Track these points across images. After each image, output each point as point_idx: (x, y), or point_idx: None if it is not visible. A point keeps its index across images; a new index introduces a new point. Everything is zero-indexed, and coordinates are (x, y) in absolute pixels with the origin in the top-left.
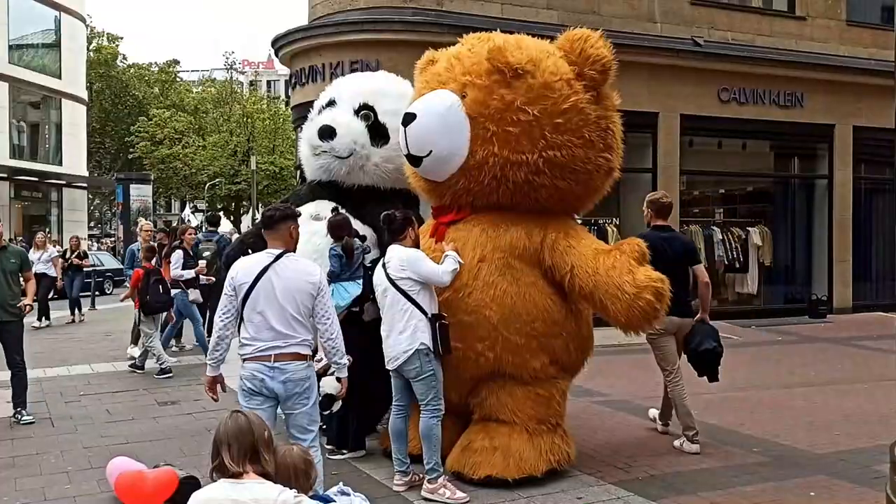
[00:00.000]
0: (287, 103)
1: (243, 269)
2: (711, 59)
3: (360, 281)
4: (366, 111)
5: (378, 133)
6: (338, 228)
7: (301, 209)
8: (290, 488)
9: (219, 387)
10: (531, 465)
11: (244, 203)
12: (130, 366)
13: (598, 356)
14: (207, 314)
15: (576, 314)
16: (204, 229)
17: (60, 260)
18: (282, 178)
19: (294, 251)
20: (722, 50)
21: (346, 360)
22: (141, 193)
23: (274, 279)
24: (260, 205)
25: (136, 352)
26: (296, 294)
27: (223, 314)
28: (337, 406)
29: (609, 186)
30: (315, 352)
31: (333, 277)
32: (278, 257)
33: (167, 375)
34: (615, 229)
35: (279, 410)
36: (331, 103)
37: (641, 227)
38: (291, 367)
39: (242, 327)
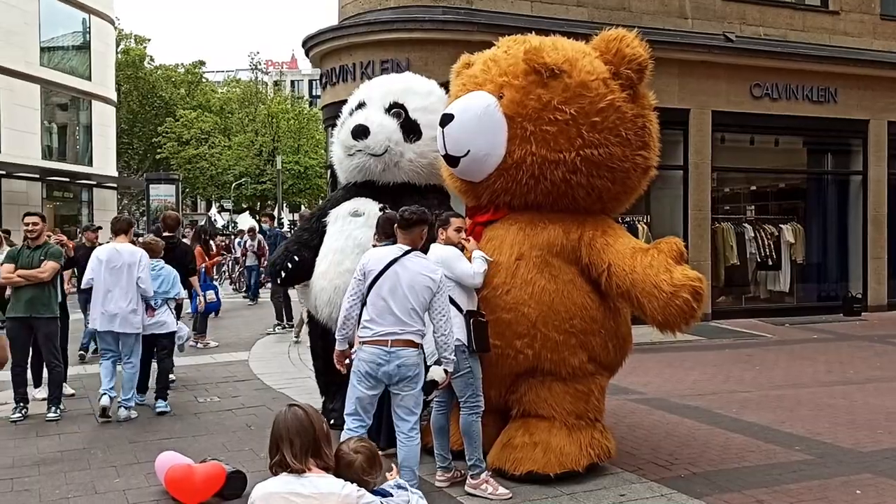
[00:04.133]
0: (311, 103)
1: (375, 258)
2: (743, 54)
3: None
4: (396, 109)
5: (410, 129)
6: (390, 225)
7: (337, 209)
8: (352, 482)
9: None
10: (572, 460)
11: (269, 202)
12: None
13: (632, 354)
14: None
15: (614, 312)
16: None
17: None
18: (306, 177)
19: (422, 251)
20: (754, 45)
21: (454, 356)
22: (160, 193)
23: (400, 271)
24: (285, 204)
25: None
26: (417, 287)
27: (351, 296)
28: (435, 394)
29: (646, 185)
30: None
31: None
32: (406, 253)
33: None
34: (646, 227)
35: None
36: (361, 105)
37: (673, 225)
38: (405, 353)
39: (365, 310)
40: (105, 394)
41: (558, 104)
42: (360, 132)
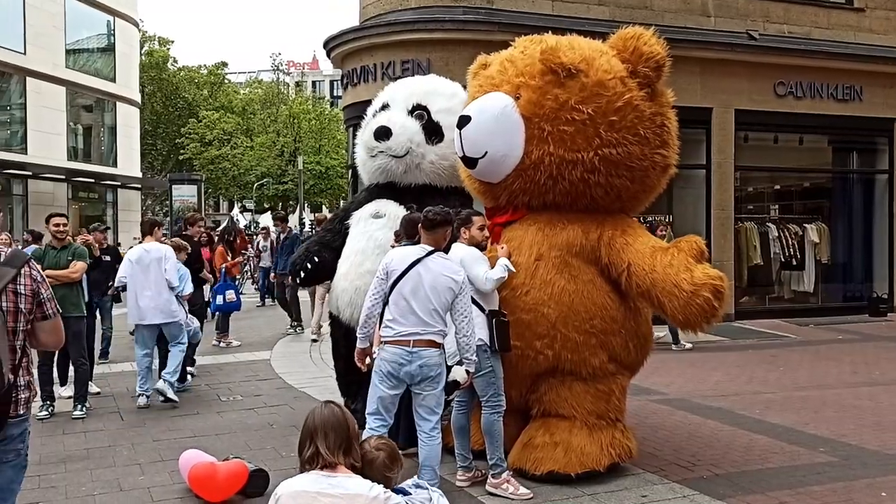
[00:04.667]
0: (332, 103)
1: (398, 257)
2: (767, 52)
3: None
4: (419, 111)
5: (432, 131)
6: (412, 226)
7: (360, 211)
8: (375, 480)
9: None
10: (593, 460)
11: (291, 202)
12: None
13: (654, 354)
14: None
15: (634, 312)
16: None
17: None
18: (328, 177)
19: (445, 251)
20: (778, 43)
21: (475, 357)
22: (182, 194)
23: (423, 272)
24: (307, 204)
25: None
26: (439, 288)
27: (373, 295)
28: (456, 394)
29: (665, 183)
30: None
31: None
32: (430, 253)
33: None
34: (668, 227)
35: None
36: (385, 107)
37: (695, 224)
38: (427, 353)
39: (387, 309)
40: (142, 394)
41: (575, 104)
42: (382, 133)
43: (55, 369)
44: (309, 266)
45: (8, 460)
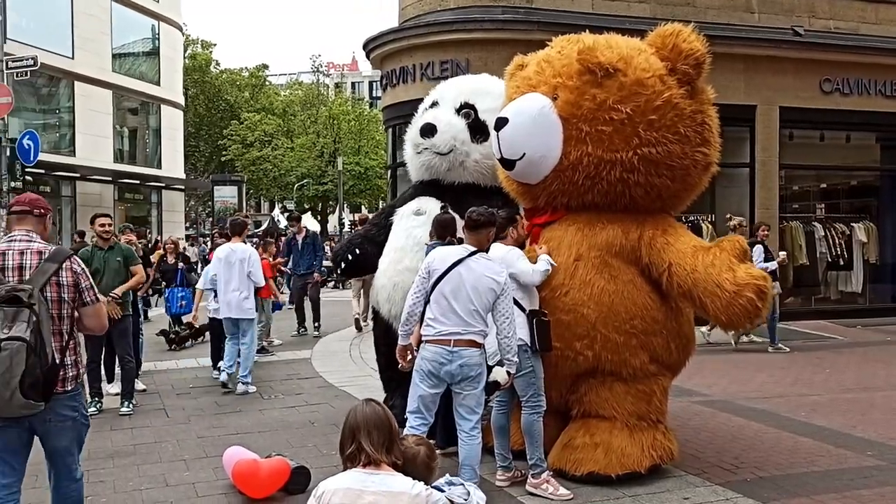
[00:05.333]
0: (371, 104)
1: (440, 257)
2: (812, 48)
3: None
4: (466, 109)
5: (478, 130)
6: (441, 227)
7: (403, 208)
8: (417, 476)
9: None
10: (634, 461)
11: (331, 203)
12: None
13: (696, 355)
14: None
15: (676, 312)
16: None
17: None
18: (367, 177)
19: (486, 252)
20: (824, 39)
21: (516, 358)
22: (223, 195)
23: (464, 272)
24: (346, 204)
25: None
26: (481, 289)
27: (415, 293)
28: (497, 395)
29: (707, 182)
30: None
31: None
32: (472, 254)
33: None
34: (710, 226)
35: None
36: (434, 104)
37: None
38: (467, 353)
39: (428, 308)
40: (225, 371)
41: (613, 103)
42: (427, 130)
43: (102, 367)
44: (350, 257)
45: (65, 427)
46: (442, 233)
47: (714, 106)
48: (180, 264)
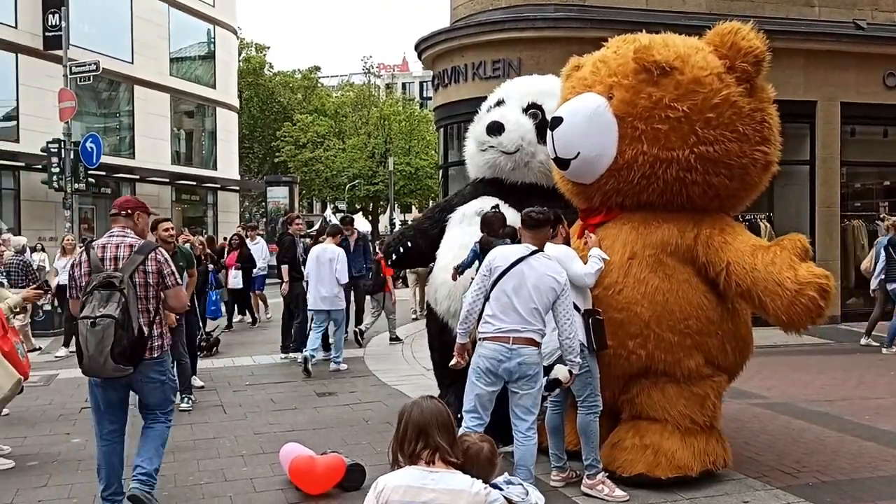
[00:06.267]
0: (422, 105)
1: (501, 255)
2: (875, 42)
3: None
4: (534, 110)
5: (544, 132)
6: (486, 225)
7: (465, 207)
8: (477, 475)
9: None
10: (685, 465)
11: (382, 203)
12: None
13: (754, 357)
14: None
15: (732, 313)
16: None
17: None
18: (417, 178)
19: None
20: (887, 33)
21: (578, 358)
22: (276, 195)
23: (526, 270)
24: (396, 205)
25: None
26: (542, 288)
27: (475, 291)
28: (555, 393)
29: (767, 181)
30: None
31: (461, 269)
32: (533, 253)
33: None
34: (768, 225)
35: None
36: (499, 103)
37: (798, 222)
38: (526, 351)
39: (487, 305)
40: (307, 353)
41: (670, 102)
42: (495, 129)
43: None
44: (401, 249)
45: (155, 388)
46: (487, 231)
47: (774, 104)
48: (210, 266)
